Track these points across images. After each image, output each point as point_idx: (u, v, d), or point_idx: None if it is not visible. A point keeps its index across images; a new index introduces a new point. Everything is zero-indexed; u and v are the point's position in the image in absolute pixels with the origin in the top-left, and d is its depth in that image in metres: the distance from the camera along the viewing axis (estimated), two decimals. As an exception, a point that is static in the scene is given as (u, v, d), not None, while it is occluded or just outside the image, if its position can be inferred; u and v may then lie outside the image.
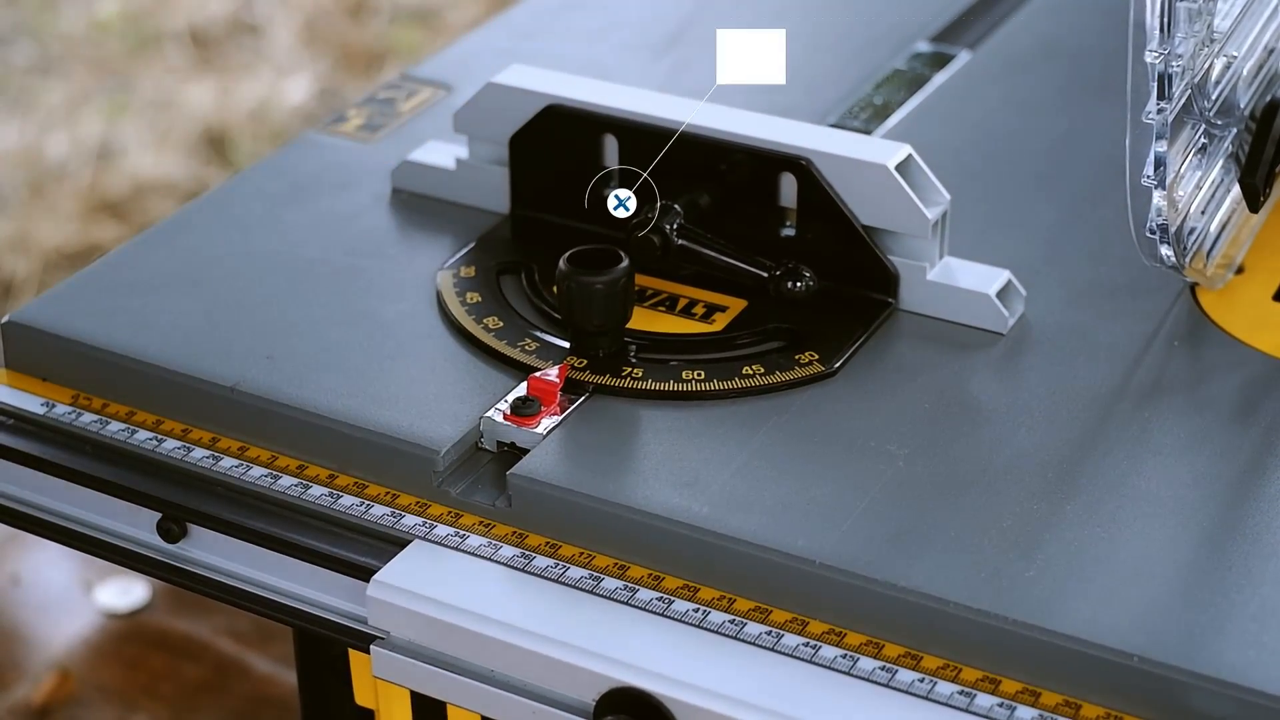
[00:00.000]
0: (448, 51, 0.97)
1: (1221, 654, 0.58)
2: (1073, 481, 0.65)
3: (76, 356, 0.73)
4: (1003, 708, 0.58)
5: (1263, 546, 0.62)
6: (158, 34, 2.46)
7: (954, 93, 0.91)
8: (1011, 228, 0.80)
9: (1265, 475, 0.66)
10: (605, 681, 0.60)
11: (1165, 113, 0.68)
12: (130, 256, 0.79)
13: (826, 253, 0.74)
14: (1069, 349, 0.73)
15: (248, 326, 0.74)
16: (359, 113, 0.90)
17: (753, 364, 0.71)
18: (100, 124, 2.27)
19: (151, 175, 2.19)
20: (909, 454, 0.67)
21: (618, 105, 0.77)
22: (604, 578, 0.63)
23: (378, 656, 0.64)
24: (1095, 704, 0.58)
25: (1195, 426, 0.69)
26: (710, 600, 0.62)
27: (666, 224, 0.74)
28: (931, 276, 0.74)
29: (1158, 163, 0.69)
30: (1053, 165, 0.86)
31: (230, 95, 2.34)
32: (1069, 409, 0.69)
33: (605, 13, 0.99)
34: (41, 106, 2.31)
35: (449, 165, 0.82)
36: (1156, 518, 0.64)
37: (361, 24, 2.51)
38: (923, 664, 0.60)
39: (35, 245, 2.06)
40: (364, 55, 2.44)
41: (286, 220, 0.82)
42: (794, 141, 0.74)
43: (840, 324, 0.74)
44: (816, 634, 0.61)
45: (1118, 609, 0.60)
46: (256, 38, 2.46)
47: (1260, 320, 0.75)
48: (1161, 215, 0.71)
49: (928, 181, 0.74)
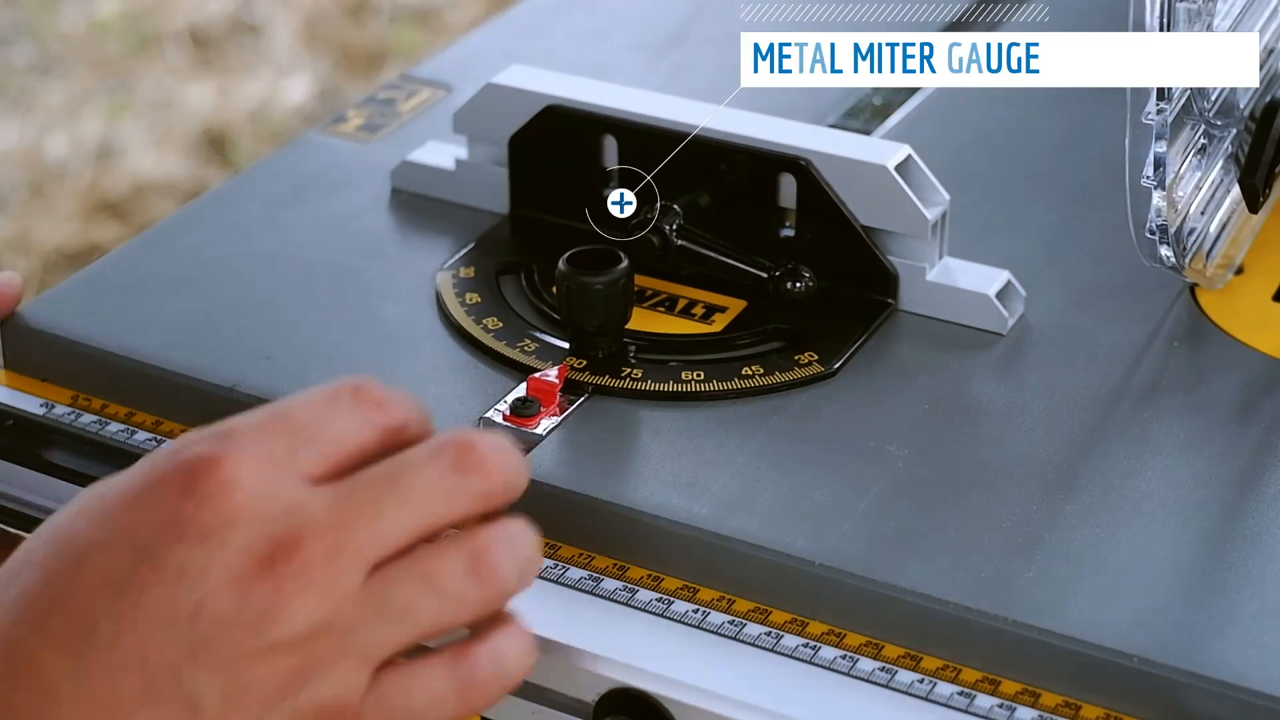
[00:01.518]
0: (448, 51, 0.97)
1: (1222, 655, 0.58)
2: (1072, 482, 0.65)
3: (76, 356, 0.73)
4: (1002, 708, 0.58)
5: (1263, 547, 0.63)
6: (158, 34, 2.46)
7: (954, 93, 0.90)
8: (1011, 228, 0.80)
9: (1265, 476, 0.66)
10: (605, 682, 0.60)
11: (1165, 113, 0.68)
12: (130, 256, 0.79)
13: (826, 253, 0.74)
14: (1069, 349, 0.73)
15: (248, 326, 0.74)
16: (359, 113, 0.90)
17: (752, 364, 0.71)
18: (100, 124, 2.27)
19: (151, 175, 2.19)
20: (909, 454, 0.67)
21: (618, 105, 0.77)
22: (603, 578, 0.63)
23: (377, 657, 0.63)
24: (1095, 705, 0.58)
25: (1195, 427, 0.69)
26: (710, 601, 0.62)
27: (666, 224, 0.74)
28: (931, 277, 0.74)
29: (1157, 163, 0.69)
30: (1052, 165, 0.86)
31: (230, 95, 2.34)
32: (1068, 409, 0.69)
33: (605, 13, 0.99)
34: (41, 106, 2.31)
35: (448, 166, 0.82)
36: (1156, 518, 0.64)
37: (361, 24, 2.51)
38: (922, 665, 0.60)
39: (35, 245, 2.06)
40: (364, 55, 2.44)
41: (286, 220, 0.82)
42: (793, 142, 0.74)
43: (840, 324, 0.74)
44: (816, 635, 0.61)
45: (1117, 609, 0.60)
46: (256, 38, 2.46)
47: (1260, 320, 0.75)
48: (1161, 216, 0.71)
49: (927, 182, 0.74)
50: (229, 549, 0.53)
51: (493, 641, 0.55)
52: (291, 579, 0.53)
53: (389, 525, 0.54)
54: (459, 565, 0.54)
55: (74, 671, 0.53)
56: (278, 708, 0.53)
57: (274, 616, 0.53)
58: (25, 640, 0.53)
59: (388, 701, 0.54)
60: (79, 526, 0.55)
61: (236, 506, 0.53)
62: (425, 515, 0.54)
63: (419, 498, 0.54)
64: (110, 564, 0.53)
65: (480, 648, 0.55)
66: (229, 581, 0.53)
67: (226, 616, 0.53)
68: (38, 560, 0.55)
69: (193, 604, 0.52)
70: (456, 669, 0.55)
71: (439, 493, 0.55)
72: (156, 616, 0.53)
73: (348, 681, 0.53)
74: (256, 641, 0.53)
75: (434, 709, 0.55)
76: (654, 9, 1.00)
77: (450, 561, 0.54)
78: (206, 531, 0.53)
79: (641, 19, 0.99)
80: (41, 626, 0.53)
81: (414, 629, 0.54)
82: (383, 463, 0.55)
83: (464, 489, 0.55)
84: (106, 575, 0.53)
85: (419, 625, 0.54)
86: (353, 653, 0.53)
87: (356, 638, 0.53)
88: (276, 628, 0.53)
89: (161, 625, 0.53)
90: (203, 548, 0.53)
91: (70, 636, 0.53)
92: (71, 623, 0.53)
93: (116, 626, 0.53)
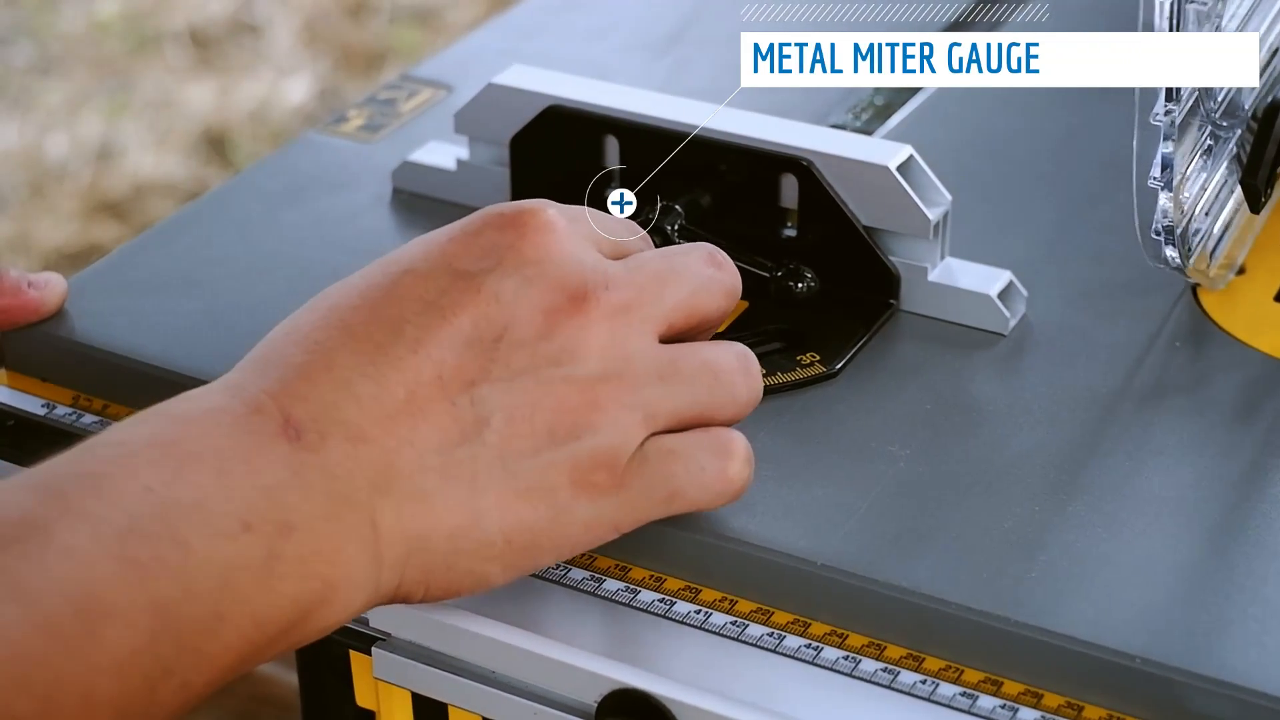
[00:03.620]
0: (448, 51, 0.97)
1: (1224, 655, 0.58)
2: (1074, 482, 0.65)
3: (76, 357, 0.73)
4: (1005, 709, 0.58)
5: (1265, 547, 0.62)
6: (158, 34, 2.46)
7: (955, 93, 0.90)
8: (1013, 228, 0.80)
9: (1267, 476, 0.66)
10: (607, 683, 0.60)
11: (1173, 114, 0.68)
12: (130, 256, 0.79)
13: (828, 253, 0.74)
14: (1070, 349, 0.73)
15: (248, 326, 0.74)
16: (359, 113, 0.90)
17: (754, 365, 0.71)
18: (100, 124, 2.27)
19: (151, 175, 2.19)
20: (910, 455, 0.67)
21: (618, 105, 0.77)
22: (605, 579, 0.63)
23: (379, 658, 0.63)
24: (1097, 705, 0.58)
25: (1197, 427, 0.68)
26: (712, 602, 0.62)
27: (667, 224, 0.74)
28: (933, 277, 0.74)
29: (1165, 164, 0.69)
30: (1054, 165, 0.86)
31: (230, 95, 2.34)
32: (1070, 409, 0.69)
33: (605, 13, 0.99)
34: (41, 106, 2.31)
35: (449, 166, 0.82)
36: (1158, 518, 0.64)
37: (361, 24, 2.51)
38: (925, 665, 0.60)
39: (35, 245, 2.06)
40: (364, 55, 2.44)
41: (286, 220, 0.82)
42: (795, 142, 0.74)
43: (841, 325, 0.73)
44: (818, 635, 0.61)
45: (1119, 610, 0.60)
46: (256, 38, 2.46)
47: (1261, 321, 0.75)
48: (1168, 217, 0.71)
49: (929, 182, 0.74)
50: (543, 281, 0.57)
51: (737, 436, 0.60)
52: (595, 322, 0.58)
53: (671, 295, 0.60)
54: (733, 360, 0.60)
55: (371, 368, 0.56)
56: (556, 446, 0.57)
57: (573, 351, 0.57)
58: (330, 339, 0.57)
59: (651, 465, 0.58)
60: (401, 254, 0.59)
61: (555, 245, 0.58)
62: (695, 293, 0.61)
63: (690, 280, 0.61)
64: (427, 282, 0.57)
65: (736, 435, 0.60)
66: (538, 311, 0.57)
67: (529, 343, 0.57)
68: (358, 277, 0.59)
69: (499, 327, 0.57)
70: (716, 447, 0.59)
71: (702, 278, 0.61)
72: (463, 332, 0.57)
73: (624, 434, 0.58)
74: (552, 371, 0.57)
75: (693, 483, 0.59)
76: (654, 9, 1.00)
77: (726, 354, 0.60)
78: (524, 262, 0.57)
79: (641, 19, 0.99)
80: (348, 327, 0.57)
81: (690, 402, 0.59)
82: (653, 250, 0.62)
83: (718, 280, 0.61)
84: (421, 292, 0.57)
85: (695, 401, 0.59)
86: (635, 406, 0.58)
87: (641, 394, 0.58)
88: (573, 362, 0.57)
89: (465, 341, 0.56)
90: (518, 276, 0.57)
91: (374, 337, 0.56)
92: (378, 326, 0.57)
93: (421, 335, 0.56)
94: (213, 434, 0.55)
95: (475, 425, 0.56)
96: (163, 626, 0.51)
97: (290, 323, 0.59)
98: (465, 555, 0.57)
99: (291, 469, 0.54)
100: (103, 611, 0.50)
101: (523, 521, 0.57)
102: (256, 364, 0.58)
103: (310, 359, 0.57)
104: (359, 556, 0.55)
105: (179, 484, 0.53)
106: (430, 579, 0.57)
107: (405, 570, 0.56)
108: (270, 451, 0.54)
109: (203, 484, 0.53)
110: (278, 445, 0.54)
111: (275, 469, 0.54)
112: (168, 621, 0.51)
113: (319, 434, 0.55)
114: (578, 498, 0.58)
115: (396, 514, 0.56)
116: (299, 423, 0.55)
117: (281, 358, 0.57)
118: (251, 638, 0.53)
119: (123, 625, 0.50)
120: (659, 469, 0.59)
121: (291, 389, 0.56)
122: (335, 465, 0.55)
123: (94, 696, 0.50)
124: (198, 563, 0.52)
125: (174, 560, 0.51)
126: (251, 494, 0.53)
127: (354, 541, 0.55)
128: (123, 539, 0.51)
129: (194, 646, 0.52)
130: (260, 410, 0.55)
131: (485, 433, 0.56)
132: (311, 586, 0.54)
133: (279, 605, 0.54)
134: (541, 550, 0.58)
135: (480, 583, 0.58)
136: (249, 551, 0.53)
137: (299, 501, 0.54)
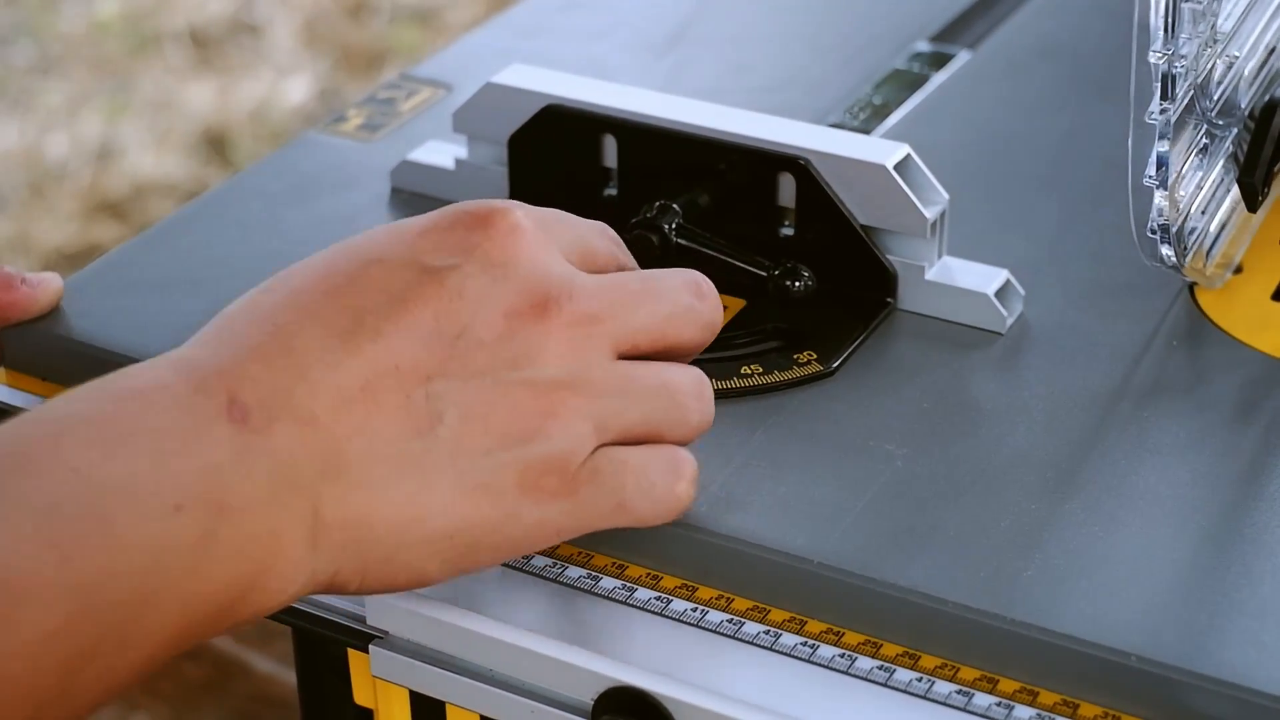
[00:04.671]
0: (448, 51, 0.97)
1: (1220, 654, 0.58)
2: (1071, 481, 0.65)
3: (76, 356, 0.73)
4: (1000, 707, 0.58)
5: (1262, 546, 0.63)
6: (158, 34, 2.46)
7: (954, 93, 0.91)
8: (1011, 227, 0.80)
9: (1265, 475, 0.66)
10: (603, 681, 0.60)
11: (1168, 113, 0.68)
12: (130, 256, 0.79)
13: (825, 252, 0.74)
14: (1068, 349, 0.73)
15: (247, 326, 0.74)
16: (359, 113, 0.90)
17: (751, 363, 0.71)
18: (100, 124, 2.27)
19: (151, 175, 2.19)
20: (908, 453, 0.67)
21: (618, 105, 0.77)
22: (602, 577, 0.63)
23: (376, 656, 0.64)
24: (1093, 703, 0.58)
25: (1194, 426, 0.69)
26: (708, 599, 0.62)
27: (665, 223, 0.74)
28: (930, 276, 0.74)
29: (1160, 163, 0.69)
30: (1053, 165, 0.86)
31: (230, 95, 2.34)
32: (1068, 408, 0.69)
33: (605, 13, 0.99)
34: (41, 106, 2.31)
35: (448, 165, 0.82)
36: (1155, 517, 0.64)
37: (361, 24, 2.51)
38: (921, 663, 0.60)
39: (35, 245, 2.07)
40: (364, 55, 2.44)
41: (286, 220, 0.82)
42: (793, 141, 0.74)
43: (839, 323, 0.74)
44: (815, 633, 0.61)
45: (1116, 608, 0.60)
46: (256, 38, 2.46)
47: (1259, 320, 0.75)
48: (1163, 215, 0.71)
49: (926, 181, 0.74)
50: (506, 283, 0.57)
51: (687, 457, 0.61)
52: (557, 330, 0.58)
53: (642, 318, 0.60)
54: (689, 384, 0.60)
55: (329, 355, 0.56)
56: (508, 448, 0.57)
57: (531, 356, 0.57)
58: (291, 322, 0.56)
59: (601, 474, 0.58)
60: (369, 241, 0.59)
61: (524, 248, 0.58)
62: (668, 320, 0.60)
63: (666, 305, 0.60)
64: (392, 275, 0.57)
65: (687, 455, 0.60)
66: (499, 312, 0.57)
67: (488, 343, 0.57)
68: (321, 261, 0.59)
69: (460, 324, 0.57)
70: (668, 465, 0.60)
71: (680, 306, 0.61)
72: (423, 325, 0.56)
73: (576, 442, 0.57)
74: (509, 374, 0.57)
75: (643, 497, 0.59)
76: (654, 9, 1.00)
77: (683, 377, 0.60)
78: (490, 263, 0.58)
79: (641, 19, 0.99)
80: (310, 311, 0.57)
81: (643, 419, 0.59)
82: (636, 270, 0.62)
83: (696, 311, 0.61)
84: (387, 283, 0.57)
85: (648, 419, 0.59)
86: (589, 415, 0.58)
87: (595, 404, 0.58)
88: (530, 367, 0.57)
89: (425, 336, 0.56)
90: (484, 276, 0.57)
91: (336, 324, 0.56)
92: (340, 314, 0.56)
93: (382, 325, 0.56)
94: (149, 413, 0.54)
95: (429, 420, 0.56)
96: (82, 610, 0.50)
97: (249, 301, 0.59)
98: (406, 549, 0.56)
99: (233, 450, 0.54)
100: (18, 594, 0.49)
101: (467, 520, 0.57)
102: (209, 341, 0.57)
103: (267, 340, 0.56)
104: (297, 542, 0.54)
105: (109, 464, 0.52)
106: (367, 570, 0.56)
107: (343, 559, 0.56)
108: (210, 433, 0.54)
109: (134, 464, 0.52)
110: (218, 426, 0.54)
111: (214, 450, 0.53)
112: (89, 605, 0.50)
113: (268, 417, 0.54)
114: (524, 501, 0.57)
115: (341, 502, 0.55)
116: (246, 405, 0.54)
117: (237, 336, 0.57)
118: (180, 621, 0.53)
119: (38, 608, 0.49)
120: (610, 479, 0.58)
121: (244, 369, 0.55)
122: (281, 449, 0.54)
123: (3, 679, 0.49)
124: (123, 544, 0.51)
125: (97, 541, 0.51)
126: (186, 475, 0.53)
127: (293, 526, 0.54)
128: (44, 520, 0.50)
129: (118, 630, 0.51)
130: (204, 389, 0.54)
131: (439, 428, 0.56)
132: (245, 570, 0.53)
133: (210, 588, 0.53)
134: (482, 550, 0.58)
135: (417, 578, 0.57)
136: (180, 533, 0.52)
137: (238, 483, 0.53)
